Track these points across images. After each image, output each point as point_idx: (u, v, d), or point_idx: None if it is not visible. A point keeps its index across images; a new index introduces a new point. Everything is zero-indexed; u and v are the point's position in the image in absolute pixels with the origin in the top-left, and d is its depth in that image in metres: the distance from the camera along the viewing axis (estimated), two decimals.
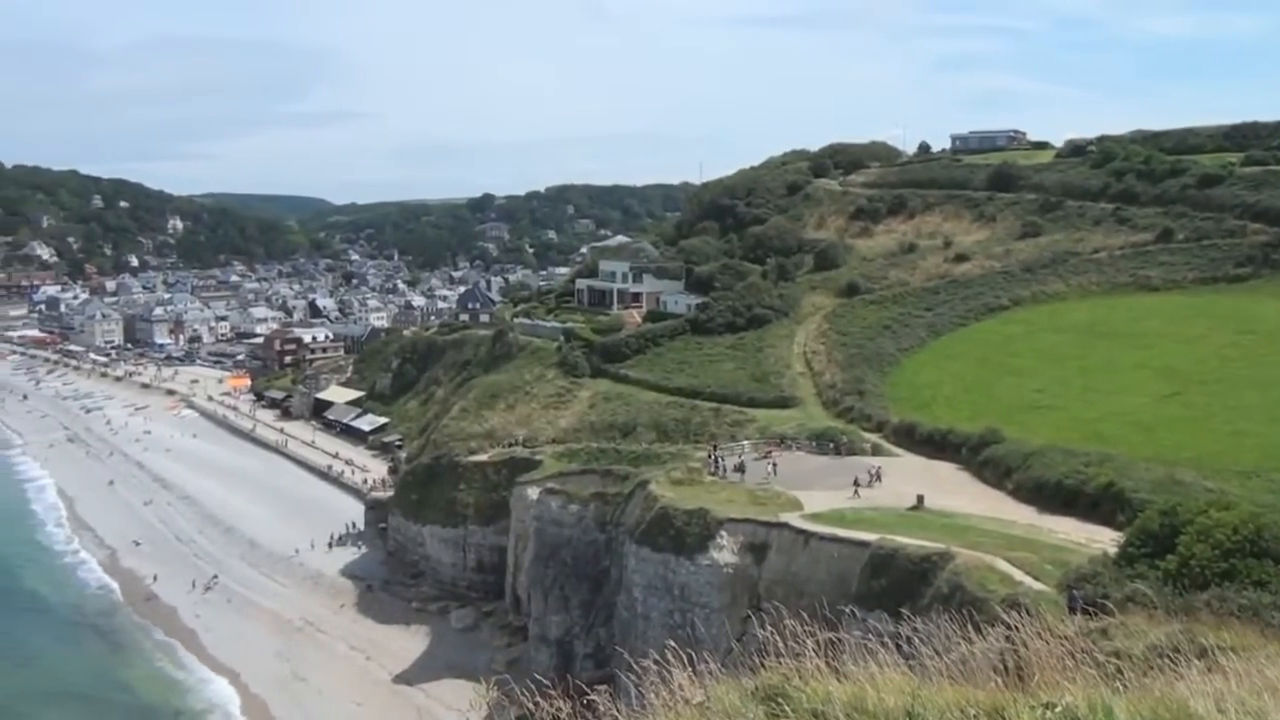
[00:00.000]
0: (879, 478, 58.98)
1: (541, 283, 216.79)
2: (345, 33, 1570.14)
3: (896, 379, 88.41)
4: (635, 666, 7.85)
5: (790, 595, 46.32)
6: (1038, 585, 38.88)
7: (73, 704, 74.67)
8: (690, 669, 7.24)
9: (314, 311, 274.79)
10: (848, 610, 29.22)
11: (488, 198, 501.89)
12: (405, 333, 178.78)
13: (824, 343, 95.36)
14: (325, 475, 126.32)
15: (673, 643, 7.97)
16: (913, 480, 59.11)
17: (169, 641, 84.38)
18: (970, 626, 9.29)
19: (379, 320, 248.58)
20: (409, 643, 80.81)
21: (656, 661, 7.31)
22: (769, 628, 8.11)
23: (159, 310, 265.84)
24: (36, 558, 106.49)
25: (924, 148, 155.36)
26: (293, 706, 72.26)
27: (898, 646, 7.98)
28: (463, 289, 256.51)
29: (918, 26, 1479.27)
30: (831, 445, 70.52)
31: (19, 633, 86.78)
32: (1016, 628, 8.56)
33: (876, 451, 70.06)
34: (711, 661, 7.46)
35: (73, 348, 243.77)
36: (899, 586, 43.35)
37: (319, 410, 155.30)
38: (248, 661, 79.25)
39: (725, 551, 53.59)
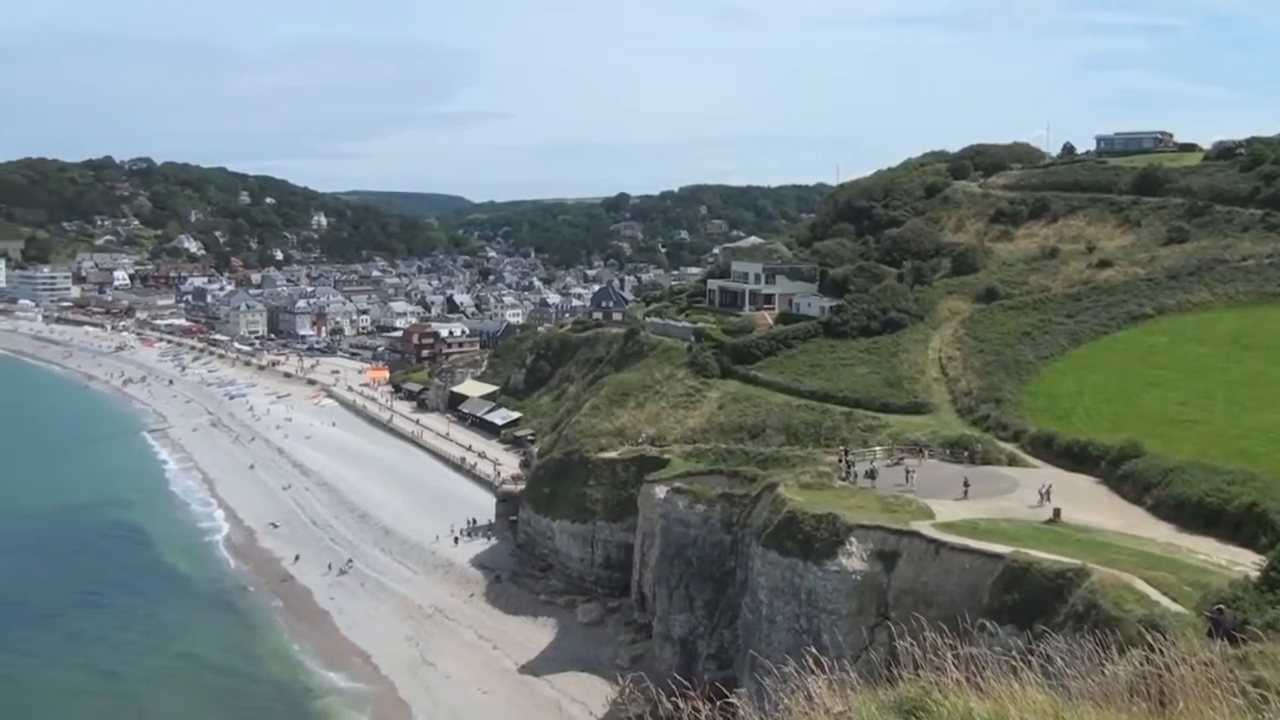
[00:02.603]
0: (1049, 496, 56.34)
1: (673, 282, 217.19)
2: (488, 35, 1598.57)
3: (1035, 388, 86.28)
4: (773, 671, 7.92)
5: (919, 605, 45.71)
6: (1175, 607, 37.74)
7: (209, 676, 77.42)
8: (826, 677, 7.29)
9: (451, 307, 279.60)
10: (980, 624, 28.76)
11: (623, 197, 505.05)
12: (540, 329, 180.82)
13: (960, 348, 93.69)
14: (458, 467, 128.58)
15: (801, 648, 8.03)
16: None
17: (303, 621, 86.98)
18: (1107, 647, 9.14)
19: (514, 317, 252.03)
20: (535, 634, 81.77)
21: (795, 668, 7.38)
22: (908, 638, 8.10)
23: (302, 303, 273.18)
24: (179, 536, 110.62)
25: (1068, 149, 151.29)
26: (420, 690, 73.69)
27: (1029, 664, 7.90)
28: (596, 287, 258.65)
29: (1062, 24, 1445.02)
30: (966, 454, 69.18)
31: (160, 606, 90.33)
32: (1159, 650, 8.39)
33: (1013, 462, 68.66)
34: (845, 670, 7.50)
35: (218, 337, 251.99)
36: (1032, 602, 42.45)
37: (454, 403, 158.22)
38: (378, 644, 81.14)
39: (854, 558, 53.02)
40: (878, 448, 72.26)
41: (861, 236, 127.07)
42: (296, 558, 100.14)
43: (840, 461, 67.88)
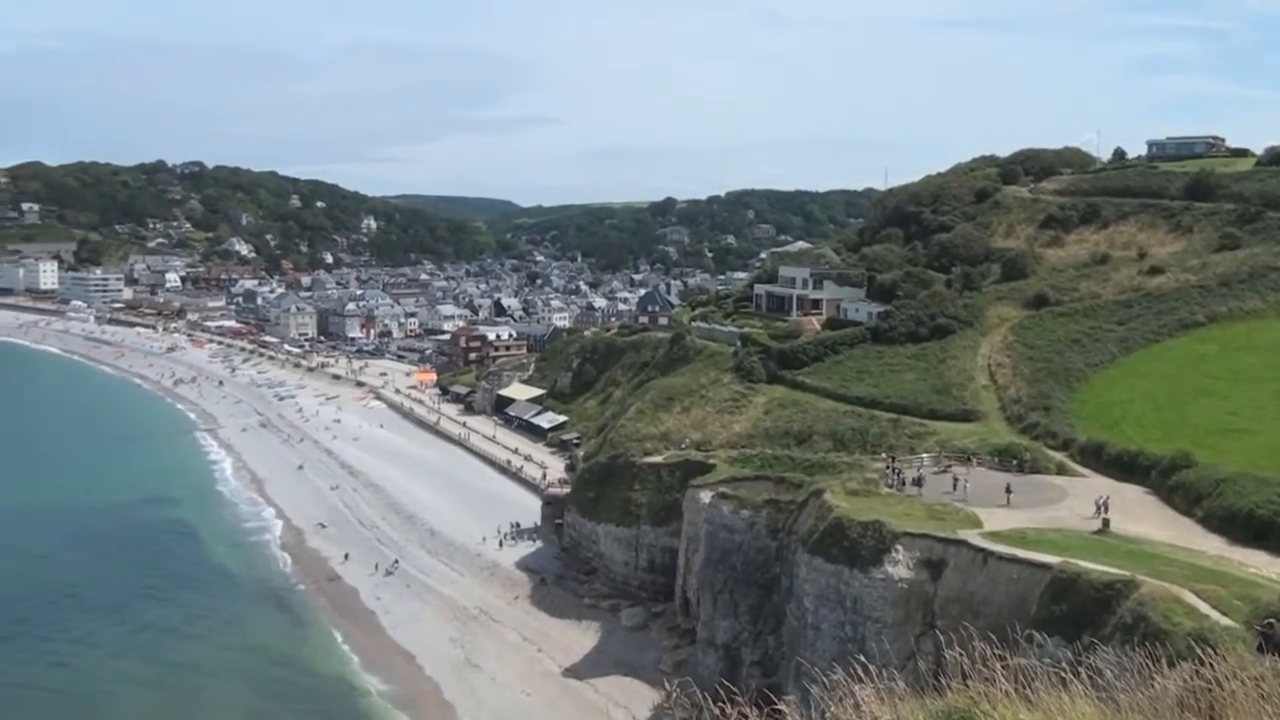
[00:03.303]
0: (1106, 509, 55.48)
1: (720, 287, 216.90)
2: (538, 41, 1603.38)
3: (1084, 396, 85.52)
4: (820, 679, 7.94)
5: (966, 615, 45.42)
6: (1225, 620, 37.33)
7: (256, 674, 78.29)
8: (873, 685, 7.30)
9: (499, 310, 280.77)
10: (1028, 634, 28.58)
11: (669, 201, 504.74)
12: (586, 333, 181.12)
13: (1009, 355, 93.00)
14: (504, 470, 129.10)
15: (846, 656, 8.06)
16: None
17: (350, 621, 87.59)
18: (1155, 660, 9.09)
19: (561, 320, 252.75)
20: (579, 637, 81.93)
21: (842, 676, 7.40)
22: (956, 648, 8.11)
23: (351, 305, 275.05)
24: (228, 534, 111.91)
25: (1119, 154, 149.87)
26: (465, 691, 74.03)
27: (1077, 675, 7.88)
28: (642, 291, 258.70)
29: (1111, 27, 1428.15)
30: (1014, 462, 68.75)
31: (209, 605, 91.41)
32: (1209, 664, 8.34)
33: (1061, 471, 68.15)
34: (889, 679, 7.50)
35: (268, 339, 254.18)
36: (1080, 613, 42.11)
37: (500, 406, 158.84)
38: (423, 645, 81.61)
39: (900, 566, 52.79)
40: (925, 455, 71.96)
41: (910, 242, 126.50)
42: (346, 557, 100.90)
43: (887, 469, 67.61)
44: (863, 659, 7.94)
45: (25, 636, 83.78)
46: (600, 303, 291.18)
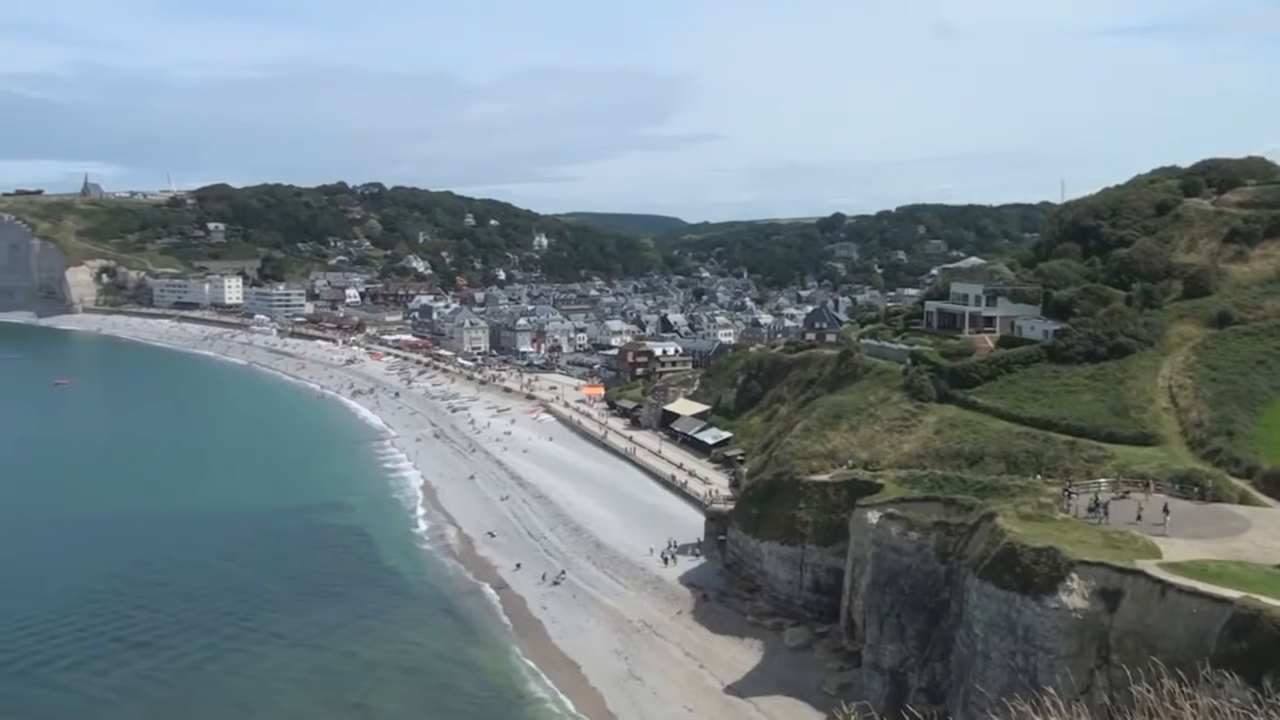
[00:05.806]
0: None
1: (889, 304, 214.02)
2: (704, 58, 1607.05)
3: (1269, 420, 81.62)
4: (992, 710, 7.96)
5: (1142, 649, 43.94)
6: None
7: (424, 676, 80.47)
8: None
9: (665, 326, 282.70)
10: (1208, 673, 27.61)
11: (837, 217, 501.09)
12: (751, 350, 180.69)
13: (1191, 376, 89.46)
14: (669, 485, 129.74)
15: (1017, 687, 8.06)
16: None
17: (517, 629, 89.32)
18: None
19: (726, 336, 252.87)
20: (741, 655, 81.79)
21: (1025, 708, 7.40)
22: (1142, 684, 8.03)
23: (523, 320, 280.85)
24: (400, 541, 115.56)
25: None
26: (627, 703, 74.67)
27: (1267, 718, 7.72)
28: (810, 308, 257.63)
29: None
30: (1195, 490, 66.19)
31: (382, 607, 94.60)
32: None
33: (1244, 500, 65.35)
34: (1074, 714, 7.47)
35: (442, 352, 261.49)
36: (1263, 652, 40.32)
37: (666, 421, 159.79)
38: (588, 655, 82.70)
39: (1075, 595, 51.22)
40: (1102, 480, 69.79)
41: (1088, 257, 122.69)
42: (518, 566, 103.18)
43: (1064, 493, 65.86)
44: (1029, 690, 7.95)
45: (222, 628, 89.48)
46: (766, 319, 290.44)
